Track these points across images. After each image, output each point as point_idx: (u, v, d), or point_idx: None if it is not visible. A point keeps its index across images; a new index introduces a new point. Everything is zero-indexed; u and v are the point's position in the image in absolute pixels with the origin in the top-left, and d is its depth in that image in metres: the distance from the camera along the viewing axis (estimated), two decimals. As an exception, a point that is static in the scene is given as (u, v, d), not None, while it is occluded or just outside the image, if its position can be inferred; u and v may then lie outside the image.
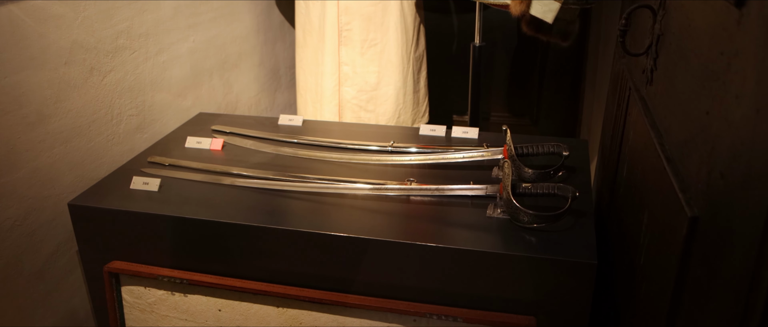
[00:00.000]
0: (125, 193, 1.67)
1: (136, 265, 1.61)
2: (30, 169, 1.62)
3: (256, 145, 1.92)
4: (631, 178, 1.43)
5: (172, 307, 1.62)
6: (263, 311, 1.54)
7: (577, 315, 1.40)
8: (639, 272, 1.23)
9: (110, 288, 1.64)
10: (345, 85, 2.42)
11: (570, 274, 1.35)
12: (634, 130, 1.46)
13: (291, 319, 1.53)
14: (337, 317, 1.50)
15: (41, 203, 1.67)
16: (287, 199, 1.63)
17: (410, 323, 1.46)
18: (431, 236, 1.43)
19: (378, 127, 2.13)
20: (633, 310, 1.26)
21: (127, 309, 1.67)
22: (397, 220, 1.53)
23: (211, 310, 1.58)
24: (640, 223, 1.26)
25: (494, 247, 1.39)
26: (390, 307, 1.44)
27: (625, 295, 1.34)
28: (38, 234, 1.67)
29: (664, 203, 1.07)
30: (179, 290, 1.60)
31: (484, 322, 1.40)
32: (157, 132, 2.07)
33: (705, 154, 0.88)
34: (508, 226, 1.46)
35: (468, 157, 1.70)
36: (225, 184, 1.70)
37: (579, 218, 1.49)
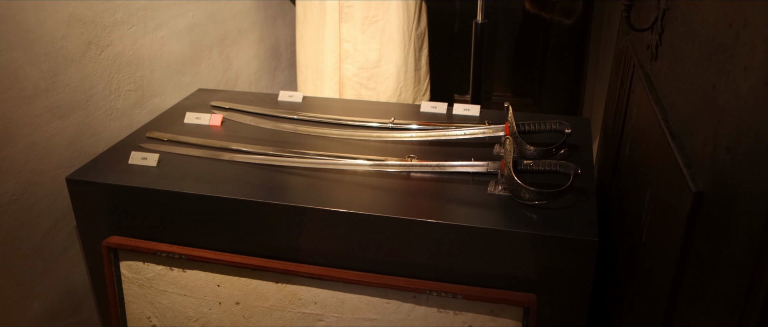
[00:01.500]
0: (123, 167, 1.66)
1: (135, 241, 1.61)
2: (27, 144, 1.61)
3: (255, 121, 1.90)
4: (633, 156, 1.41)
5: (170, 283, 1.61)
6: (262, 287, 1.54)
7: (578, 292, 1.39)
8: (640, 250, 1.22)
9: (109, 263, 1.64)
10: (346, 62, 2.39)
11: (571, 252, 1.35)
12: (637, 108, 1.45)
13: (290, 295, 1.52)
14: (336, 293, 1.49)
15: (39, 178, 1.66)
16: (287, 174, 1.62)
17: (410, 299, 1.45)
18: (431, 213, 1.42)
19: (378, 104, 2.11)
20: (634, 288, 1.25)
21: (125, 284, 1.67)
22: (397, 197, 1.51)
23: (209, 285, 1.58)
24: (642, 201, 1.25)
25: (495, 223, 1.38)
26: (389, 283, 1.44)
27: (626, 273, 1.33)
28: (36, 209, 1.66)
29: (668, 180, 1.05)
30: (178, 265, 1.59)
31: (484, 298, 1.40)
32: (155, 107, 2.06)
33: (711, 128, 0.87)
34: (509, 203, 1.45)
35: (469, 134, 1.69)
36: (224, 160, 1.68)
37: (581, 196, 1.47)
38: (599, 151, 2.18)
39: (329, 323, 1.52)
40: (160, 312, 1.65)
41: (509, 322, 1.42)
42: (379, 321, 1.48)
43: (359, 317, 1.49)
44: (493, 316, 1.42)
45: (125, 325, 1.72)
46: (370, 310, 1.48)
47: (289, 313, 1.54)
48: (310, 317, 1.53)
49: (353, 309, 1.49)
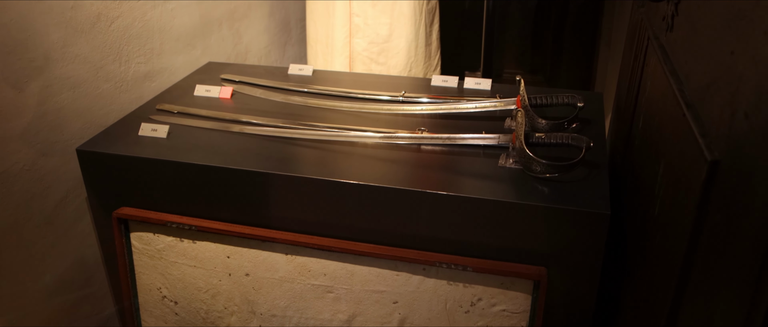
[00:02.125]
0: (134, 139, 1.66)
1: (145, 212, 1.61)
2: (38, 114, 1.61)
3: (265, 94, 1.89)
4: (647, 128, 1.40)
5: (180, 254, 1.61)
6: (272, 258, 1.54)
7: (589, 266, 1.38)
8: (652, 223, 1.21)
9: (119, 234, 1.64)
10: (356, 36, 2.38)
11: (583, 225, 1.34)
12: (651, 81, 1.43)
13: (299, 267, 1.52)
14: (345, 265, 1.49)
15: (50, 148, 1.66)
16: (297, 146, 1.61)
17: (419, 272, 1.45)
18: (442, 185, 1.41)
19: (389, 78, 2.09)
20: (646, 261, 1.25)
21: (136, 255, 1.67)
22: (407, 169, 1.51)
23: (219, 256, 1.58)
24: (655, 175, 1.24)
25: (506, 196, 1.37)
26: (399, 255, 1.43)
27: (638, 246, 1.32)
28: (47, 180, 1.67)
29: (682, 151, 1.04)
30: (188, 237, 1.59)
31: (494, 271, 1.39)
32: (165, 80, 2.05)
33: (728, 96, 0.85)
34: (520, 176, 1.44)
35: (480, 108, 1.67)
36: (234, 132, 1.68)
37: (592, 169, 1.46)
38: (611, 127, 2.17)
39: (339, 295, 1.52)
40: (170, 283, 1.66)
41: (519, 295, 1.41)
42: (389, 293, 1.48)
43: (369, 289, 1.49)
44: (503, 289, 1.42)
45: (136, 296, 1.73)
46: (379, 282, 1.48)
47: (299, 284, 1.54)
48: (320, 289, 1.53)
49: (363, 281, 1.49)
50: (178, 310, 1.68)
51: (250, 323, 1.63)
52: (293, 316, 1.58)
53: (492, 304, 1.43)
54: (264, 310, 1.59)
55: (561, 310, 1.45)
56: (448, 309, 1.46)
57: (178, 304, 1.67)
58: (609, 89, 2.84)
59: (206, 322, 1.67)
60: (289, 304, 1.57)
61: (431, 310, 1.47)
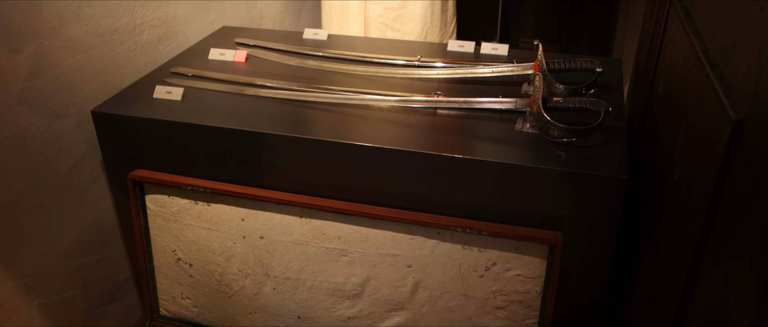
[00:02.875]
0: (148, 101, 1.66)
1: (160, 174, 1.61)
2: (53, 75, 1.61)
3: (279, 57, 1.88)
4: (667, 94, 1.38)
5: (195, 216, 1.62)
6: (286, 221, 1.54)
7: (605, 232, 1.37)
8: (671, 188, 1.20)
9: (134, 196, 1.64)
10: (371, 2, 2.35)
11: (600, 190, 1.32)
12: (672, 45, 1.41)
13: (314, 230, 1.52)
14: (360, 228, 1.49)
15: (65, 110, 1.66)
16: (311, 109, 1.60)
17: (434, 235, 1.44)
18: (458, 148, 1.40)
19: (404, 43, 2.07)
20: (663, 226, 1.23)
21: (151, 218, 1.68)
22: (423, 132, 1.50)
23: (234, 219, 1.58)
24: (675, 139, 1.22)
25: (522, 160, 1.36)
26: (414, 219, 1.43)
27: (655, 212, 1.31)
28: (62, 141, 1.67)
29: (705, 113, 1.02)
30: (202, 199, 1.59)
31: (510, 236, 1.38)
32: (179, 44, 2.04)
33: (755, 53, 0.83)
34: (537, 140, 1.43)
35: (497, 72, 1.65)
36: (248, 95, 1.67)
37: (611, 134, 1.44)
38: (629, 95, 2.14)
39: (353, 258, 1.52)
40: (184, 245, 1.66)
41: (534, 260, 1.41)
42: (403, 257, 1.48)
43: (383, 253, 1.49)
44: (518, 254, 1.41)
45: (151, 258, 1.73)
46: (393, 246, 1.48)
47: (313, 247, 1.54)
48: (334, 252, 1.53)
49: (377, 244, 1.49)
50: (193, 272, 1.69)
51: (264, 286, 1.63)
52: (307, 279, 1.58)
53: (506, 269, 1.42)
54: (278, 273, 1.60)
55: (576, 275, 1.44)
56: (462, 273, 1.46)
57: (193, 267, 1.68)
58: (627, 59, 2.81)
59: (220, 285, 1.67)
60: (303, 267, 1.57)
61: (445, 274, 1.47)
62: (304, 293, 1.60)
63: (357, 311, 1.57)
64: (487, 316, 1.48)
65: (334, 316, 1.60)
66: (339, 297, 1.57)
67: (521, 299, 1.45)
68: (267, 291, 1.63)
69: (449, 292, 1.48)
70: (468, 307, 1.49)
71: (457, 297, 1.48)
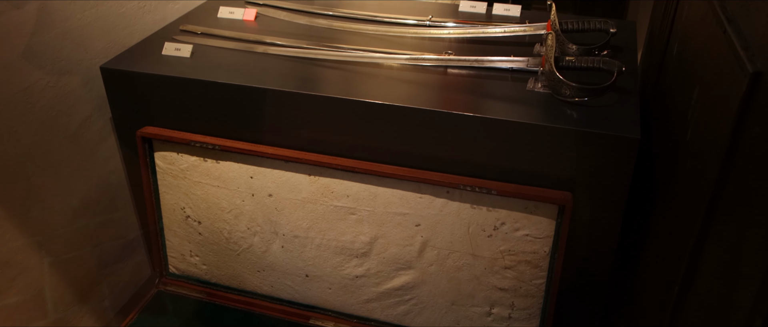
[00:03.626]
0: (157, 58, 1.65)
1: (169, 131, 1.61)
2: (61, 31, 1.60)
3: (289, 16, 1.86)
4: (682, 55, 1.36)
5: (204, 174, 1.62)
6: (295, 179, 1.54)
7: (615, 192, 1.36)
8: (684, 149, 1.19)
9: (143, 153, 1.64)
10: (382, -38, 2.32)
11: (611, 150, 1.31)
12: (688, 5, 1.38)
13: (322, 188, 1.52)
14: (368, 187, 1.49)
15: (74, 66, 1.65)
16: (321, 67, 1.59)
17: (443, 195, 1.44)
18: (468, 106, 1.38)
19: (415, 3, 2.04)
20: (675, 186, 1.22)
21: (159, 175, 1.68)
22: (433, 91, 1.48)
23: (242, 176, 1.58)
24: (688, 100, 1.20)
25: (533, 118, 1.34)
26: (423, 177, 1.42)
27: (667, 172, 1.30)
28: (71, 97, 1.66)
29: (721, 71, 1.01)
30: (211, 157, 1.59)
31: (519, 195, 1.38)
32: (188, 2, 2.02)
33: (775, 4, 0.81)
34: (549, 100, 1.41)
35: (509, 32, 1.63)
36: (258, 52, 1.66)
37: (623, 95, 1.43)
38: (643, 59, 2.11)
39: (361, 217, 1.52)
40: (193, 203, 1.67)
41: (543, 220, 1.40)
42: (412, 216, 1.48)
43: (391, 211, 1.49)
44: (527, 214, 1.40)
45: (160, 216, 1.74)
46: (402, 205, 1.48)
47: (321, 206, 1.54)
48: (342, 210, 1.53)
49: (385, 203, 1.49)
50: (202, 229, 1.70)
51: (272, 244, 1.64)
52: (315, 238, 1.58)
53: (515, 229, 1.42)
54: (286, 230, 1.60)
55: (585, 236, 1.44)
56: (470, 233, 1.45)
57: (202, 224, 1.69)
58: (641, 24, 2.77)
59: (229, 243, 1.68)
60: (311, 225, 1.57)
61: (454, 233, 1.47)
62: (312, 252, 1.60)
63: (365, 270, 1.58)
64: (494, 275, 1.48)
65: (342, 275, 1.60)
66: (347, 255, 1.58)
67: (529, 259, 1.44)
68: (275, 249, 1.64)
69: (457, 251, 1.48)
70: (476, 266, 1.49)
71: (465, 256, 1.48)
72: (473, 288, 1.52)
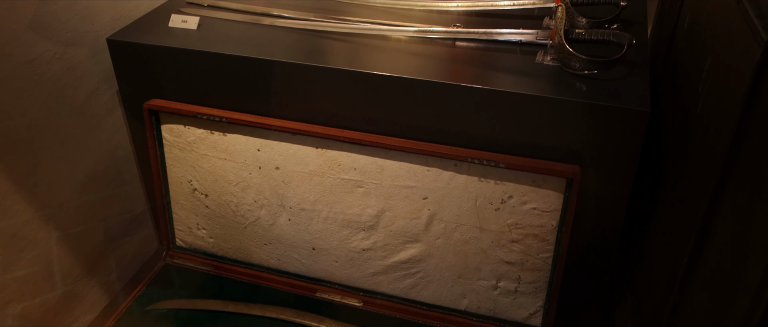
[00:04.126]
0: (164, 30, 1.64)
1: (176, 103, 1.60)
2: (68, 2, 1.59)
3: (296, -11, 1.85)
4: (693, 27, 1.34)
5: (211, 146, 1.61)
6: (302, 152, 1.53)
7: (624, 166, 1.36)
8: (694, 121, 1.18)
9: (150, 126, 1.64)
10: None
11: (620, 122, 1.30)
12: (701, -24, 1.37)
13: (329, 160, 1.52)
14: (376, 160, 1.48)
15: (81, 38, 1.65)
16: (329, 39, 1.58)
17: (451, 167, 1.44)
18: (476, 79, 1.37)
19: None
20: (684, 160, 1.21)
21: (166, 148, 1.68)
22: (441, 63, 1.47)
23: (250, 149, 1.58)
24: (700, 72, 1.19)
25: (542, 91, 1.34)
26: (431, 150, 1.42)
27: (677, 145, 1.29)
28: (78, 69, 1.66)
29: (733, 42, 1.00)
30: (218, 129, 1.59)
31: (527, 168, 1.37)
32: (195, -25, 2.01)
33: (791, -29, 0.80)
34: (558, 73, 1.40)
35: (518, 5, 1.62)
36: (265, 25, 1.65)
37: (633, 68, 1.42)
38: (653, 33, 2.09)
39: (368, 190, 1.52)
40: (200, 176, 1.67)
41: (551, 193, 1.40)
42: (419, 189, 1.48)
43: (399, 185, 1.49)
44: (535, 187, 1.40)
45: (167, 189, 1.74)
46: (409, 178, 1.47)
47: (329, 178, 1.54)
48: (350, 183, 1.53)
49: (393, 176, 1.48)
50: (209, 202, 1.70)
51: (279, 217, 1.64)
52: (322, 211, 1.58)
53: (523, 202, 1.42)
54: (293, 203, 1.60)
55: (593, 210, 1.43)
56: (478, 206, 1.45)
57: (209, 197, 1.69)
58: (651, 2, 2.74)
59: (236, 216, 1.68)
60: (318, 198, 1.57)
61: (461, 206, 1.46)
62: (319, 224, 1.60)
63: (371, 243, 1.58)
64: (501, 249, 1.48)
65: (349, 248, 1.61)
66: (354, 228, 1.58)
67: (536, 233, 1.44)
68: (282, 222, 1.64)
69: (464, 224, 1.48)
70: (483, 240, 1.49)
71: (472, 230, 1.48)
72: (480, 261, 1.52)
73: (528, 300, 1.54)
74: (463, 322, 1.59)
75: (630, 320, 1.49)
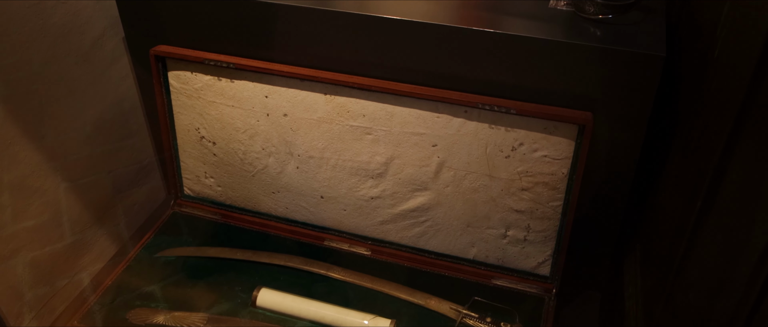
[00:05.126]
0: (170, -26, 1.61)
1: (183, 49, 1.58)
2: (72, -55, 1.56)
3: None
4: (711, -31, 1.31)
5: (218, 93, 1.60)
6: (310, 98, 1.52)
7: (637, 113, 1.34)
8: (711, 66, 1.15)
9: (157, 73, 1.62)
10: None
11: (634, 68, 1.28)
12: None
13: (338, 107, 1.50)
14: (385, 106, 1.46)
15: (85, -17, 1.62)
16: (337, -16, 1.55)
17: (461, 114, 1.42)
18: (488, 23, 1.35)
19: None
20: (699, 106, 1.19)
21: (173, 95, 1.66)
22: (452, 7, 1.45)
23: (257, 96, 1.56)
24: (718, 15, 1.16)
25: (554, 35, 1.31)
26: (441, 96, 1.40)
27: (692, 91, 1.27)
28: (83, 15, 1.64)
29: (753, -18, 0.97)
30: (226, 75, 1.57)
31: (539, 114, 1.35)
32: None
33: None
34: (571, 17, 1.38)
35: (531, -51, 1.57)
36: (272, -31, 1.62)
37: (648, 13, 1.39)
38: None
39: (377, 137, 1.50)
40: (208, 123, 1.66)
41: (562, 140, 1.38)
42: (429, 136, 1.46)
43: (408, 131, 1.47)
44: (546, 134, 1.38)
45: (175, 137, 1.73)
46: (419, 124, 1.46)
47: (337, 125, 1.52)
48: (359, 130, 1.51)
49: (402, 122, 1.47)
50: (216, 150, 1.69)
51: (287, 165, 1.63)
52: (331, 158, 1.57)
53: (533, 150, 1.40)
54: (301, 151, 1.59)
55: (604, 158, 1.42)
56: (488, 153, 1.44)
57: (216, 145, 1.68)
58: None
59: (244, 164, 1.67)
60: (327, 145, 1.56)
61: (471, 154, 1.45)
62: (327, 172, 1.60)
63: (380, 191, 1.57)
64: (511, 197, 1.47)
65: (357, 196, 1.60)
66: (362, 176, 1.57)
67: (547, 181, 1.43)
68: (290, 170, 1.63)
69: (474, 172, 1.47)
70: (492, 188, 1.48)
71: (481, 177, 1.47)
72: (489, 210, 1.51)
73: (537, 249, 1.53)
74: (472, 270, 1.59)
75: (639, 270, 1.48)
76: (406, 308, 1.51)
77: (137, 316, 1.50)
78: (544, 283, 1.56)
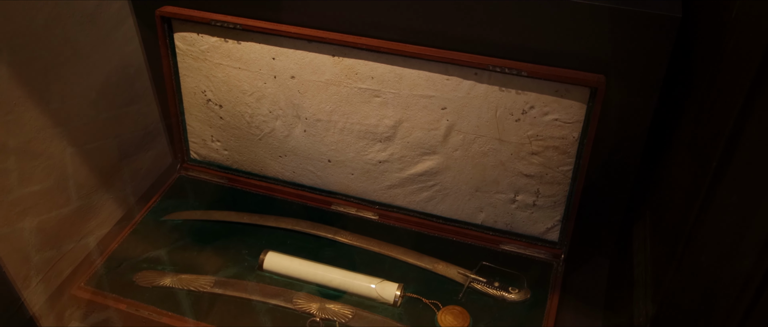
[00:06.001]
0: (175, -67, 1.58)
1: (189, 10, 1.56)
2: None
3: None
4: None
5: (225, 55, 1.58)
6: (318, 60, 1.50)
7: (651, 75, 1.31)
8: (727, 27, 1.13)
9: (163, 34, 1.60)
10: None
11: (649, 29, 1.25)
12: None
13: (346, 69, 1.48)
14: (394, 68, 1.44)
15: (89, -58, 1.60)
16: (346, -56, 1.52)
17: (471, 76, 1.40)
18: (500, -17, 1.32)
19: None
20: (714, 69, 1.17)
21: (180, 57, 1.64)
22: (463, -32, 1.42)
23: (264, 58, 1.54)
24: (736, -25, 1.13)
25: (568, -5, 1.28)
26: (450, 58, 1.38)
27: (707, 55, 1.24)
28: (87, -25, 1.61)
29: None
30: (232, 37, 1.55)
31: (550, 76, 1.33)
32: None
33: None
34: (585, -23, 1.34)
35: None
36: (279, -72, 1.59)
37: (664, -27, 1.35)
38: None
39: (386, 99, 1.49)
40: (214, 86, 1.64)
41: (573, 104, 1.36)
42: (438, 98, 1.44)
43: (417, 94, 1.45)
44: (557, 97, 1.36)
45: (181, 100, 1.72)
46: (428, 87, 1.44)
47: (345, 88, 1.51)
48: (367, 93, 1.49)
49: (411, 85, 1.45)
50: (223, 113, 1.67)
51: (294, 128, 1.61)
52: (338, 121, 1.55)
53: (544, 113, 1.38)
54: (309, 114, 1.57)
55: (616, 122, 1.40)
56: (498, 117, 1.42)
57: (223, 108, 1.66)
58: None
59: (251, 127, 1.66)
60: (334, 108, 1.54)
61: (480, 117, 1.43)
62: (335, 136, 1.58)
63: (388, 155, 1.56)
64: (520, 161, 1.46)
65: (365, 160, 1.59)
66: (370, 140, 1.55)
67: (557, 145, 1.41)
68: (297, 133, 1.62)
69: (483, 136, 1.45)
70: (502, 151, 1.46)
71: (491, 141, 1.46)
72: (498, 174, 1.49)
73: (546, 214, 1.52)
74: (480, 235, 1.59)
75: (648, 236, 1.47)
76: (413, 273, 1.51)
77: (144, 279, 1.50)
78: (552, 249, 1.55)
